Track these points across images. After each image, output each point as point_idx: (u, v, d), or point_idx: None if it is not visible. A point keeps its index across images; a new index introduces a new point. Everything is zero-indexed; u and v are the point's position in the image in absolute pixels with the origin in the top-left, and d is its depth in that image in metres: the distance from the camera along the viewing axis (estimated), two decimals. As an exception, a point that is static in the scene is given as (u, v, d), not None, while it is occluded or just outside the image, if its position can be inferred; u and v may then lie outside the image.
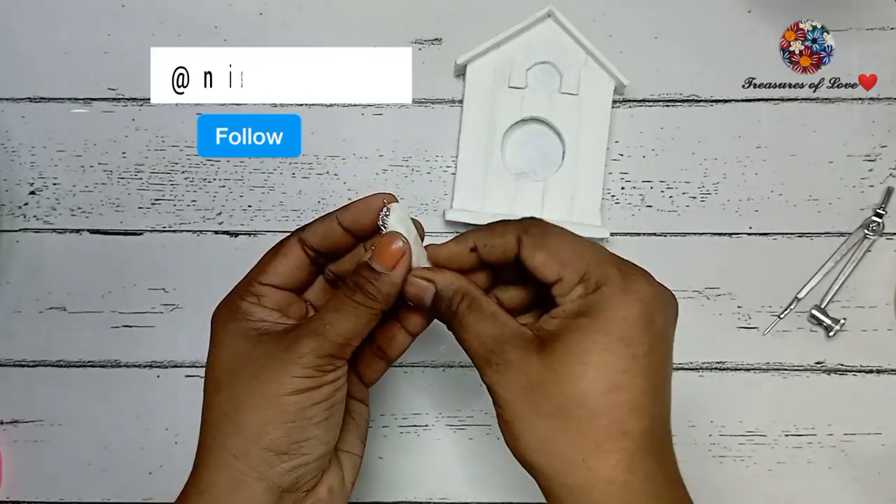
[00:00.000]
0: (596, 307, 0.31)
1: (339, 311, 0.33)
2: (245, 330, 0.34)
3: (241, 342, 0.34)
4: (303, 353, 0.33)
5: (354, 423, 0.38)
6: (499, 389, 0.32)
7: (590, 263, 0.32)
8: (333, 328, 0.33)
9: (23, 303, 0.49)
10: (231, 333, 0.35)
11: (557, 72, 0.49)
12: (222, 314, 0.35)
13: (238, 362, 0.34)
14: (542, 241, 0.33)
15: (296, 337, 0.33)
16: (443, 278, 0.35)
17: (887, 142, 0.51)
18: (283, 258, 0.36)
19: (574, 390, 0.31)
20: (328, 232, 0.36)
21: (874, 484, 0.49)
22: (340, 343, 0.33)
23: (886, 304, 0.50)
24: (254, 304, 0.35)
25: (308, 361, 0.32)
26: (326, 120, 0.50)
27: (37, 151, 0.50)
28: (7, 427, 0.49)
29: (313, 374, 0.33)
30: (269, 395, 0.33)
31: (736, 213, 0.50)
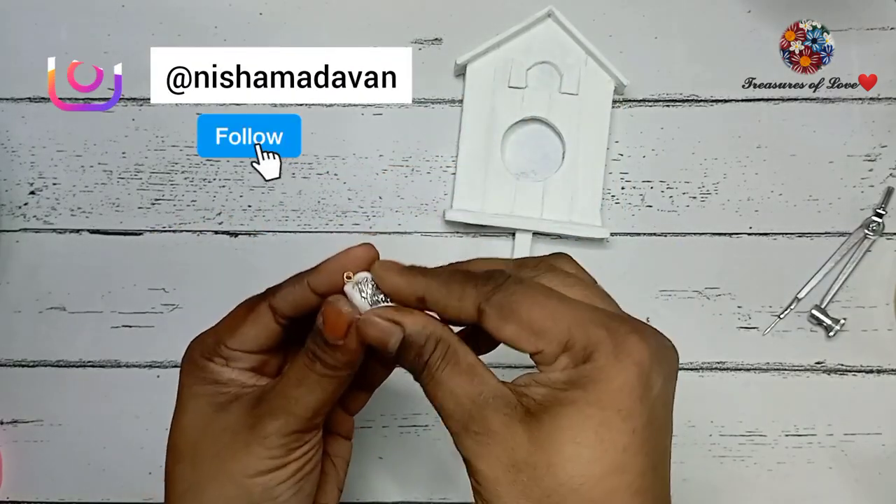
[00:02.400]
0: (587, 378, 0.27)
1: (302, 384, 0.31)
2: (211, 394, 0.32)
3: (206, 409, 0.32)
4: (267, 434, 0.30)
5: (334, 472, 0.36)
6: (479, 464, 0.28)
7: (571, 328, 0.28)
8: (298, 404, 0.31)
9: (23, 303, 0.49)
10: (196, 396, 0.32)
11: (557, 72, 0.49)
12: (190, 371, 0.33)
13: (200, 434, 0.32)
14: (509, 311, 0.28)
15: (260, 415, 0.31)
16: (413, 321, 0.30)
17: (887, 142, 0.51)
18: (253, 326, 0.33)
19: (568, 475, 0.26)
20: (300, 300, 0.32)
21: (874, 484, 0.49)
22: (308, 417, 0.31)
23: (886, 304, 0.50)
24: (225, 369, 0.33)
25: (272, 442, 0.31)
26: (326, 120, 0.50)
27: (37, 151, 0.50)
28: (7, 427, 0.49)
29: (279, 453, 0.31)
30: (233, 475, 0.31)
31: (736, 213, 0.50)
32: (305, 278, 0.32)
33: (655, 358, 0.28)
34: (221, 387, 0.32)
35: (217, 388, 0.32)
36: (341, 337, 0.30)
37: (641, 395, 0.27)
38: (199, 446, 0.32)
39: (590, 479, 0.26)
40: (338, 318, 0.30)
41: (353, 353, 0.31)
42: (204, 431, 0.32)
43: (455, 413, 0.29)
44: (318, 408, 0.31)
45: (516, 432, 0.27)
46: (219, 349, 0.33)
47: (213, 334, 0.34)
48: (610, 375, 0.27)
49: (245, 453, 0.31)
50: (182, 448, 0.32)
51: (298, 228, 0.50)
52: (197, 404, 0.32)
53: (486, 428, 0.28)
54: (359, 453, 0.49)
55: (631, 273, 0.50)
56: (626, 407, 0.27)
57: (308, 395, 0.31)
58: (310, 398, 0.31)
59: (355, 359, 0.31)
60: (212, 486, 0.31)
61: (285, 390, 0.31)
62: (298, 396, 0.31)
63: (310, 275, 0.32)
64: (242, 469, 0.31)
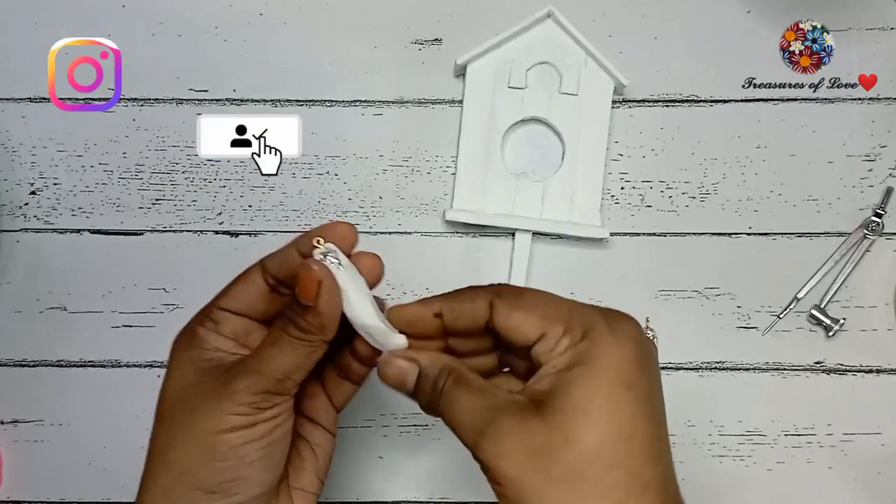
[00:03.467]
0: (588, 354, 0.29)
1: (276, 345, 0.32)
2: (195, 360, 0.33)
3: (188, 374, 0.33)
4: (237, 390, 0.31)
5: (313, 458, 0.36)
6: (498, 464, 0.29)
7: (571, 313, 0.31)
8: (270, 363, 0.32)
9: (23, 303, 0.49)
10: (182, 363, 0.33)
11: (557, 72, 0.50)
12: (180, 339, 0.34)
13: (180, 396, 0.33)
14: (517, 301, 0.31)
15: (233, 373, 0.32)
16: (426, 357, 0.32)
17: (887, 142, 0.51)
18: (243, 284, 0.35)
19: (585, 446, 0.28)
20: (286, 259, 0.34)
21: (874, 484, 0.49)
22: (278, 378, 0.32)
23: (886, 304, 0.50)
24: (210, 331, 0.34)
25: (242, 398, 0.31)
26: (326, 120, 0.50)
27: (37, 151, 0.50)
28: (7, 427, 0.49)
29: (247, 411, 0.31)
30: (200, 432, 0.31)
31: (736, 213, 0.50)
32: (294, 241, 0.34)
33: (646, 340, 0.31)
34: (206, 352, 0.33)
35: (202, 352, 0.33)
36: (312, 298, 0.31)
37: (641, 367, 0.29)
38: (177, 407, 0.33)
39: (606, 445, 0.28)
40: (308, 276, 0.31)
41: (323, 317, 0.31)
42: (183, 393, 0.33)
43: (472, 423, 0.30)
44: (289, 370, 0.32)
45: (531, 423, 0.29)
46: (210, 312, 0.34)
47: (207, 304, 0.35)
48: (610, 349, 0.29)
49: (215, 409, 0.31)
50: (163, 411, 0.33)
51: (298, 228, 0.50)
52: (181, 371, 0.33)
53: (501, 428, 0.29)
54: (359, 453, 0.49)
55: (631, 273, 0.50)
56: (629, 377, 0.29)
57: (280, 356, 0.32)
58: (281, 359, 0.32)
59: (327, 323, 0.32)
60: (178, 445, 0.32)
61: (259, 351, 0.32)
62: (270, 356, 0.32)
63: (298, 239, 0.34)
64: (210, 426, 0.31)
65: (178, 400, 0.33)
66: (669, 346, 0.49)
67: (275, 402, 0.32)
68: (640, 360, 0.29)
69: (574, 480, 0.28)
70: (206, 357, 0.33)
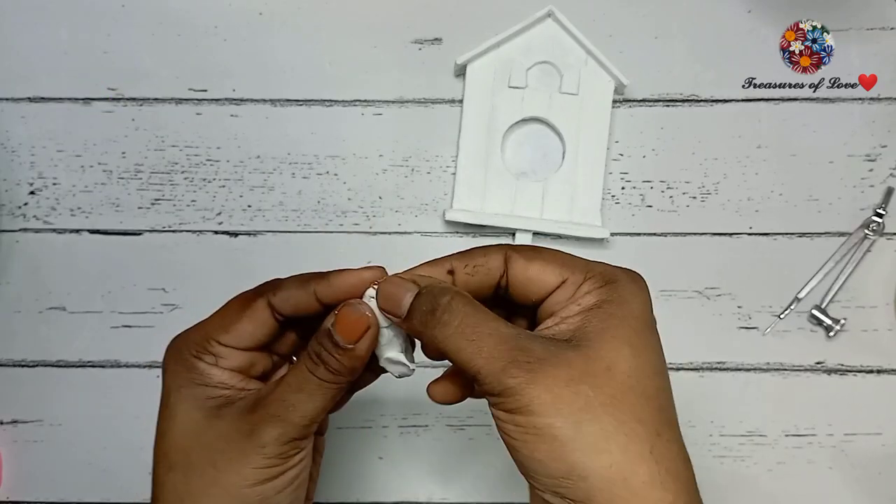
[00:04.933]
0: (616, 295, 0.29)
1: (303, 390, 0.30)
2: (201, 398, 0.31)
3: (196, 414, 0.31)
4: (265, 443, 0.30)
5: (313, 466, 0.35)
6: (534, 390, 0.27)
7: (589, 265, 0.31)
8: (297, 411, 0.30)
9: (23, 303, 0.49)
10: (186, 400, 0.31)
11: (557, 72, 0.49)
12: (178, 371, 0.32)
13: (193, 441, 0.31)
14: (534, 254, 0.31)
15: (256, 422, 0.30)
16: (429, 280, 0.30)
17: (887, 142, 0.51)
18: (249, 322, 0.32)
19: (626, 375, 0.28)
20: (303, 304, 0.32)
21: (874, 484, 0.49)
22: (305, 425, 0.30)
23: (886, 304, 0.50)
24: (211, 366, 0.32)
25: (271, 451, 0.30)
26: (326, 120, 0.50)
27: (37, 151, 0.50)
28: (7, 427, 0.49)
29: (276, 462, 0.30)
30: (229, 486, 0.30)
31: (736, 213, 0.50)
32: (312, 285, 0.32)
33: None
34: (211, 389, 0.31)
35: (207, 390, 0.31)
36: (355, 340, 0.30)
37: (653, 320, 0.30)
38: (192, 455, 0.31)
39: (643, 377, 0.28)
40: (357, 321, 0.30)
41: (360, 360, 0.30)
42: (196, 438, 0.31)
43: (498, 351, 0.28)
44: (316, 415, 0.31)
45: (567, 354, 0.28)
46: (209, 346, 0.32)
47: (199, 330, 0.32)
48: (634, 294, 0.30)
49: (241, 463, 0.30)
50: (173, 456, 0.31)
51: (298, 228, 0.50)
52: (186, 408, 0.31)
53: (536, 357, 0.27)
54: (359, 453, 0.49)
55: (631, 273, 0.50)
56: (651, 322, 0.30)
57: (307, 402, 0.30)
58: (308, 405, 0.30)
59: (360, 365, 0.31)
60: (206, 499, 0.30)
61: (284, 395, 0.30)
62: (297, 403, 0.30)
63: (317, 283, 0.32)
64: (239, 480, 0.30)
65: (192, 446, 0.31)
66: (669, 346, 0.49)
67: (301, 447, 0.31)
68: (651, 312, 0.30)
69: (615, 406, 0.27)
70: (212, 395, 0.31)
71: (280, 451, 0.30)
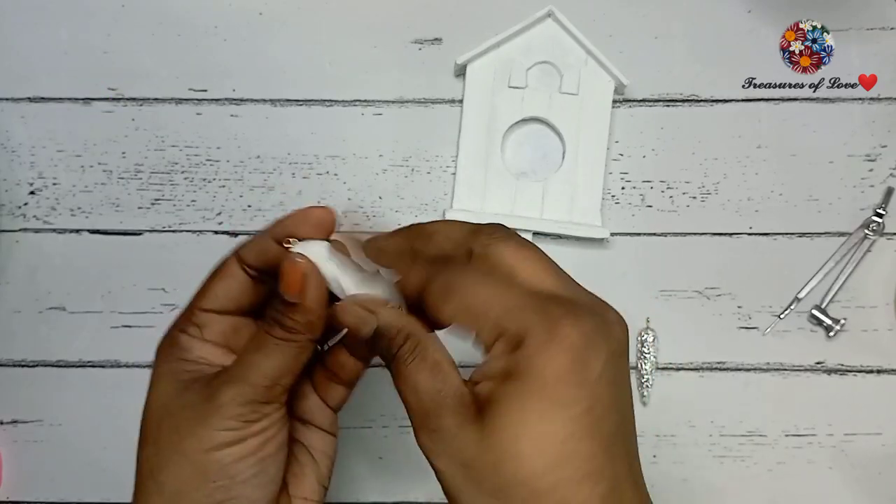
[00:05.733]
0: (521, 367, 0.27)
1: (260, 350, 0.30)
2: (177, 372, 0.32)
3: (169, 388, 0.31)
4: (222, 403, 0.29)
5: (312, 464, 0.35)
6: (435, 461, 0.28)
7: (506, 312, 0.28)
8: (255, 370, 0.30)
9: (23, 303, 0.49)
10: (164, 376, 0.32)
11: (557, 72, 0.49)
12: (162, 348, 0.33)
13: (163, 412, 0.31)
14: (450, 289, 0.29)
15: (217, 385, 0.30)
16: (387, 314, 0.30)
17: (887, 142, 0.51)
18: (222, 280, 0.33)
19: (513, 472, 0.26)
20: (262, 249, 0.32)
21: (874, 484, 0.49)
22: (266, 385, 0.30)
23: (886, 304, 0.50)
24: (194, 338, 0.32)
25: (229, 411, 0.29)
26: (326, 120, 0.50)
27: (37, 151, 0.50)
28: (7, 427, 0.49)
29: (236, 425, 0.30)
30: (189, 452, 0.30)
31: (736, 213, 0.50)
32: (269, 231, 0.32)
33: (591, 339, 0.27)
34: (189, 364, 0.32)
35: (184, 364, 0.32)
36: (297, 293, 0.30)
37: (578, 381, 0.27)
38: (161, 425, 0.31)
39: (534, 473, 0.26)
40: (293, 270, 0.30)
41: (311, 313, 0.30)
42: (166, 410, 0.31)
43: (416, 408, 0.29)
44: (276, 376, 0.30)
45: (467, 433, 0.27)
46: (192, 316, 0.33)
47: (187, 306, 0.33)
48: (543, 363, 0.27)
49: (201, 426, 0.30)
50: (146, 431, 0.32)
51: (298, 228, 0.50)
52: (162, 384, 0.32)
53: (441, 427, 0.28)
54: (359, 453, 0.49)
55: (631, 273, 0.50)
56: (563, 395, 0.26)
57: (265, 361, 0.30)
58: (267, 364, 0.30)
59: (314, 320, 0.30)
60: (168, 466, 0.30)
61: (243, 357, 0.31)
62: (255, 362, 0.30)
63: (273, 227, 0.32)
64: (198, 444, 0.30)
65: (162, 417, 0.31)
66: (670, 346, 0.49)
67: (264, 413, 0.30)
68: (575, 372, 0.27)
69: (501, 498, 0.27)
70: (187, 369, 0.32)
71: (238, 412, 0.30)
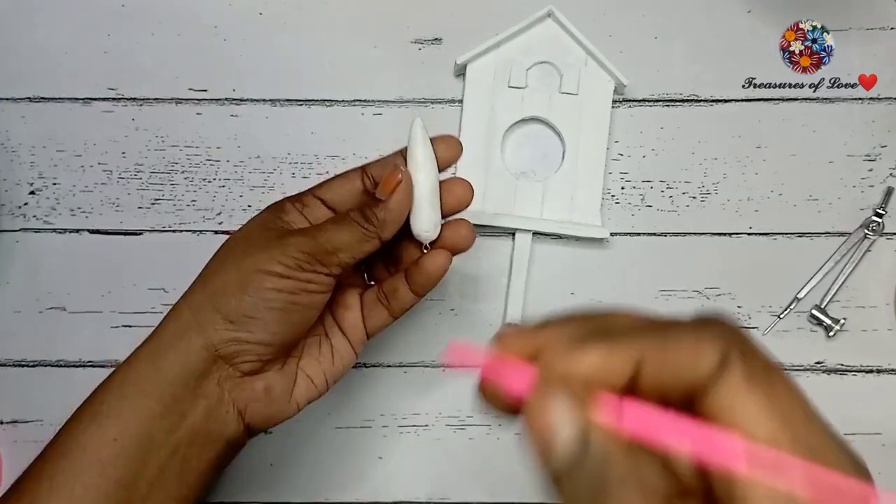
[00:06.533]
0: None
1: (337, 222, 0.36)
2: (269, 220, 0.37)
3: (256, 226, 0.37)
4: (288, 243, 0.35)
5: (329, 358, 0.39)
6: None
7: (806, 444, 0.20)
8: (325, 234, 0.35)
9: (23, 303, 0.49)
10: (259, 219, 0.38)
11: (557, 72, 0.49)
12: (269, 207, 0.38)
13: (240, 237, 0.37)
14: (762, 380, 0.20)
15: (292, 231, 0.36)
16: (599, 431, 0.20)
17: (887, 142, 0.51)
18: (341, 180, 0.39)
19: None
20: (387, 163, 0.39)
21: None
22: (327, 249, 0.35)
23: (886, 304, 0.50)
24: (296, 209, 0.38)
25: (289, 251, 0.35)
26: (326, 120, 0.50)
27: (37, 151, 0.50)
28: (7, 427, 0.49)
29: (289, 263, 0.34)
30: (242, 265, 0.35)
31: (736, 213, 0.50)
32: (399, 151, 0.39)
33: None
34: (280, 220, 0.37)
35: (277, 219, 0.37)
36: (387, 193, 0.36)
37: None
38: (233, 247, 0.37)
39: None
40: (392, 176, 0.36)
41: (389, 213, 0.36)
42: (244, 237, 0.37)
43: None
44: (338, 247, 0.35)
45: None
46: (303, 196, 0.39)
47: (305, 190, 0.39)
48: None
49: (263, 251, 0.35)
50: (219, 250, 0.37)
51: (298, 228, 0.50)
52: (253, 223, 0.38)
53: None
54: (359, 453, 0.49)
55: (631, 273, 0.50)
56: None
57: (336, 231, 0.35)
58: (336, 234, 0.35)
59: (388, 221, 0.36)
60: (221, 272, 0.36)
61: (321, 224, 0.36)
62: (328, 229, 0.36)
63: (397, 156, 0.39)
64: (253, 263, 0.35)
65: (237, 241, 0.37)
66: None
67: (314, 270, 0.35)
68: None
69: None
70: (279, 222, 0.37)
71: (296, 255, 0.35)
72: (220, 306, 0.35)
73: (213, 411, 0.35)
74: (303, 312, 0.36)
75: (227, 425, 0.36)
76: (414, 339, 0.49)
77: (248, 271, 0.35)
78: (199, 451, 0.35)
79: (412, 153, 0.37)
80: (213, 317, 0.35)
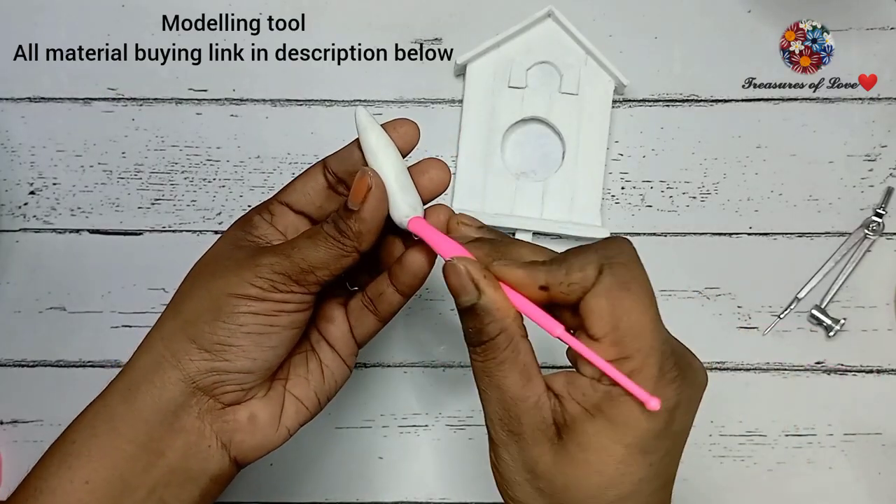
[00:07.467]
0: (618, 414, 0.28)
1: (310, 238, 0.33)
2: (239, 238, 0.35)
3: (226, 245, 0.35)
4: (260, 263, 0.32)
5: (318, 376, 0.36)
6: (504, 455, 0.31)
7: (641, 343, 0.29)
8: (299, 251, 0.33)
9: (23, 303, 0.49)
10: (228, 237, 0.35)
11: (557, 72, 0.49)
12: (236, 222, 0.36)
13: (211, 259, 0.35)
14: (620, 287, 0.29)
15: (263, 251, 0.33)
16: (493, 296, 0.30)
17: (887, 142, 0.51)
18: (303, 179, 0.36)
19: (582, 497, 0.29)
20: (347, 156, 0.35)
21: (874, 484, 0.49)
22: (302, 268, 0.32)
23: (886, 304, 0.50)
24: (265, 221, 0.35)
25: (263, 272, 0.32)
26: (326, 120, 0.50)
27: (37, 151, 0.50)
28: (7, 427, 0.49)
29: (263, 285, 0.32)
30: (213, 290, 0.33)
31: (736, 213, 0.50)
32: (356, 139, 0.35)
33: (686, 400, 0.30)
34: (251, 235, 0.35)
35: (247, 234, 0.35)
36: (358, 202, 0.32)
37: (664, 433, 0.29)
38: (203, 269, 0.35)
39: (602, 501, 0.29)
40: (361, 182, 0.33)
41: (364, 224, 0.32)
42: (214, 258, 0.35)
43: (496, 409, 0.31)
44: (314, 265, 0.33)
45: (543, 448, 0.30)
46: (270, 204, 0.36)
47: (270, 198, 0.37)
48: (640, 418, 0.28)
49: (234, 275, 0.33)
50: (190, 272, 0.35)
51: (298, 228, 0.50)
52: (222, 241, 0.35)
53: (519, 432, 0.30)
54: (359, 453, 0.49)
55: (631, 273, 0.50)
56: (648, 445, 0.29)
57: (310, 248, 0.33)
58: (310, 251, 0.33)
59: (364, 231, 0.33)
60: (192, 298, 0.34)
61: (294, 240, 0.34)
62: (301, 245, 0.33)
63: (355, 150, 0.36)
64: (224, 286, 0.32)
65: (207, 263, 0.35)
66: (670, 346, 0.49)
67: (290, 289, 0.33)
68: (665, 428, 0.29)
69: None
70: (249, 238, 0.35)
71: (270, 276, 0.32)
72: (193, 335, 0.32)
73: (192, 447, 0.33)
74: (282, 334, 0.33)
75: (209, 461, 0.33)
76: (414, 339, 0.49)
77: (220, 296, 0.32)
78: (177, 490, 0.33)
79: (365, 141, 0.34)
80: (186, 347, 0.32)
